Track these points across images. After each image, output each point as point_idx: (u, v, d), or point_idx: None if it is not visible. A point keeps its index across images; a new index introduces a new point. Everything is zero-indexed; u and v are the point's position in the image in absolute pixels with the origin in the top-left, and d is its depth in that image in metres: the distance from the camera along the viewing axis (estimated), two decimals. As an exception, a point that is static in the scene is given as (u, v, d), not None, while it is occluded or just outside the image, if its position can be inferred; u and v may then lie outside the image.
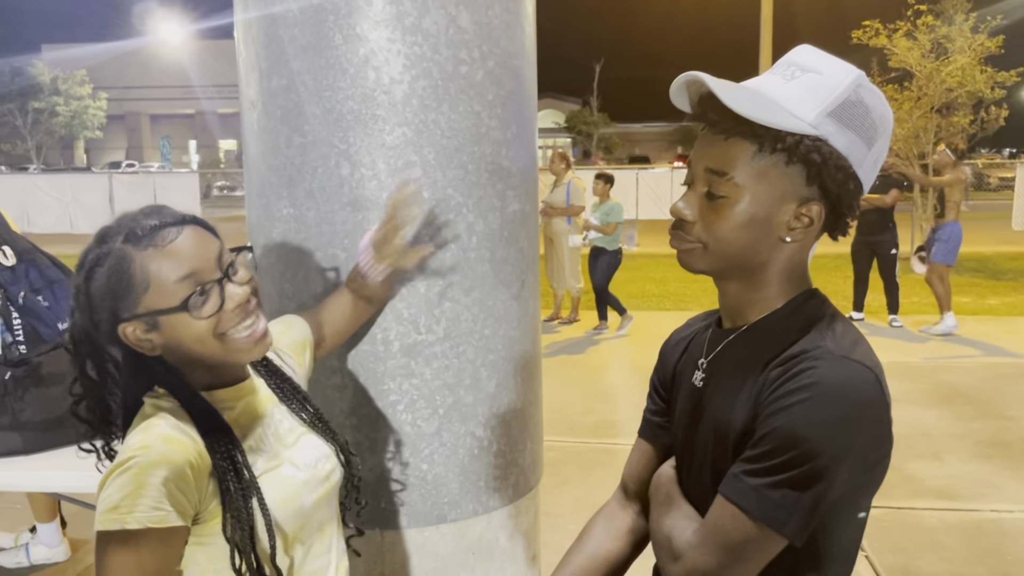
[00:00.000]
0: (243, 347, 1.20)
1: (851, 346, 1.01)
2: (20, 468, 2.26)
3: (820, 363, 0.97)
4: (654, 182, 18.04)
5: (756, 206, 1.02)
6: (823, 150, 0.99)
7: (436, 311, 1.70)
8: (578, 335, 8.01)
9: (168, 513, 1.10)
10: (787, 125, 0.98)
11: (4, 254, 2.81)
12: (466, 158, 1.69)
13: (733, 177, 1.02)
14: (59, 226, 15.63)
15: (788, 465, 0.94)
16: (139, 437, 1.14)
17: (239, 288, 1.19)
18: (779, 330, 1.06)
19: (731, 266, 1.07)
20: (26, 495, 3.33)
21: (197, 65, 48.33)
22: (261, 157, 1.75)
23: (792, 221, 1.03)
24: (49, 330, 2.77)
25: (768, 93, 1.02)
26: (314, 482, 1.32)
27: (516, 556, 1.92)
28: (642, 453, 1.32)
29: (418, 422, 1.72)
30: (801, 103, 1.00)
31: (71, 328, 1.21)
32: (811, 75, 1.02)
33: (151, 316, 1.15)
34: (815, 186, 1.02)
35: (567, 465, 4.51)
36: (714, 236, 1.05)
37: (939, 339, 7.48)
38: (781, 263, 1.07)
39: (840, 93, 1.00)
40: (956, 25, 13.74)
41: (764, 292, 1.08)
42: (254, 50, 1.72)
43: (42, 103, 39.32)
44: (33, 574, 3.31)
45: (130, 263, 1.14)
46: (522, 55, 1.80)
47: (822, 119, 0.99)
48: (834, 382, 0.95)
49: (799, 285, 1.09)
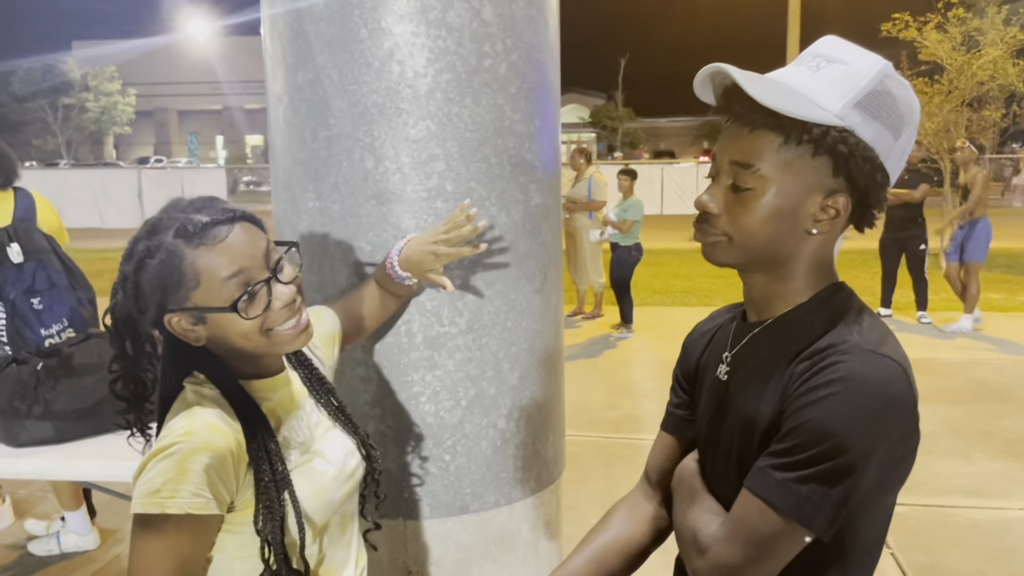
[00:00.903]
0: (286, 339, 1.22)
1: (879, 340, 1.00)
2: (53, 457, 2.31)
3: (848, 357, 0.96)
4: (679, 177, 17.95)
5: (782, 198, 1.02)
6: (849, 141, 0.99)
7: (459, 303, 1.71)
8: (601, 331, 7.99)
9: (208, 500, 1.11)
10: (813, 116, 0.98)
11: (14, 252, 2.86)
12: (489, 151, 1.70)
13: (759, 169, 1.02)
14: (89, 220, 15.85)
15: (816, 460, 0.94)
16: (183, 423, 1.16)
17: (286, 288, 1.21)
18: (806, 323, 1.06)
19: (756, 259, 1.07)
20: (51, 484, 3.39)
21: (224, 61, 48.73)
22: (287, 151, 1.77)
23: (818, 213, 1.03)
24: (33, 335, 2.82)
25: (794, 84, 1.02)
26: (343, 477, 1.34)
27: (538, 547, 1.93)
28: (665, 445, 1.32)
29: (441, 413, 1.74)
30: (827, 94, 0.99)
31: (112, 309, 1.22)
32: (837, 66, 1.01)
33: (199, 311, 1.17)
34: (841, 178, 1.02)
35: (589, 459, 4.51)
36: (740, 229, 1.05)
37: (968, 335, 7.38)
38: (807, 256, 1.06)
39: (866, 83, 1.00)
40: (988, 17, 13.51)
41: (790, 285, 1.08)
42: (280, 45, 1.74)
43: (72, 99, 39.90)
44: (63, 562, 3.37)
45: (181, 259, 1.15)
46: (545, 48, 1.81)
47: (848, 110, 0.99)
48: (863, 377, 0.94)
49: (825, 278, 1.09)
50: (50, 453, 2.32)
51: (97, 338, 2.61)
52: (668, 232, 14.30)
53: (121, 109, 41.75)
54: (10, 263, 2.84)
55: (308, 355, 1.43)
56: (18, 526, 3.61)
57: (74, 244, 3.43)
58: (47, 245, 2.98)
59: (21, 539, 3.51)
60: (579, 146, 8.88)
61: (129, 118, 42.68)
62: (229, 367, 1.25)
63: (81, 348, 2.53)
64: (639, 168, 11.17)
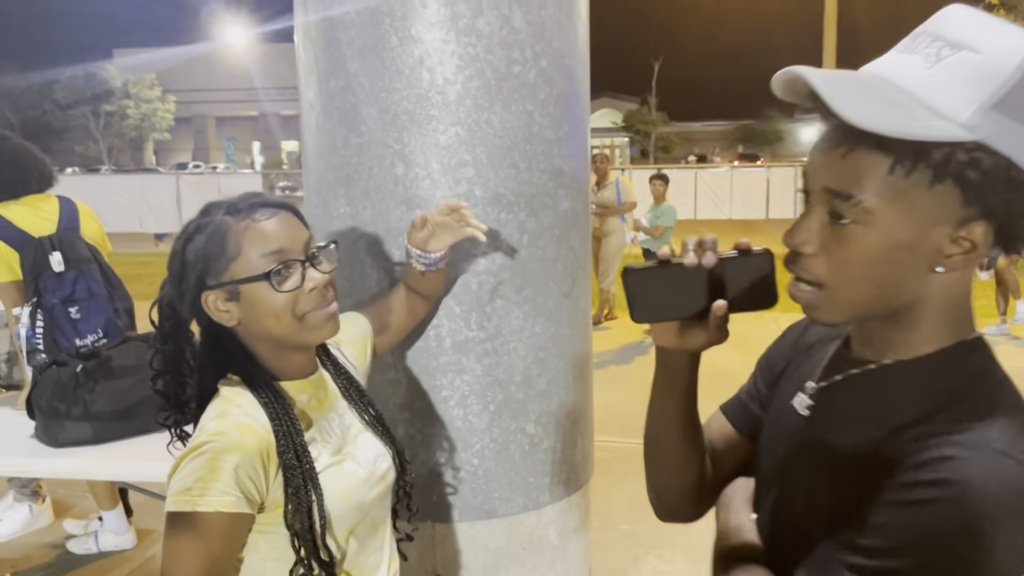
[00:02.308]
0: (316, 323, 1.25)
1: (1016, 434, 0.76)
2: (90, 457, 2.36)
3: (969, 455, 0.74)
4: (713, 181, 17.83)
5: (895, 234, 0.79)
6: (983, 164, 0.75)
7: (487, 308, 1.72)
8: (634, 336, 7.96)
9: (238, 499, 1.14)
10: (931, 133, 0.74)
11: (56, 261, 2.91)
12: (518, 157, 1.71)
13: (862, 201, 0.79)
14: (128, 225, 16.13)
15: (897, 573, 0.75)
16: (215, 423, 1.19)
17: (319, 274, 1.26)
18: (925, 384, 0.83)
19: (869, 311, 0.86)
20: (88, 484, 3.45)
21: (260, 68, 49.37)
22: (319, 157, 1.79)
23: (948, 247, 0.79)
24: (68, 344, 2.87)
25: (903, 84, 0.78)
26: (373, 480, 1.35)
27: (566, 553, 1.93)
28: (721, 425, 1.14)
29: (469, 417, 1.75)
30: (951, 96, 0.75)
31: (159, 301, 1.29)
32: (966, 54, 0.75)
33: (234, 285, 1.21)
34: (976, 207, 0.78)
35: (620, 465, 4.49)
36: (842, 275, 0.83)
37: (1011, 343, 7.23)
38: (935, 300, 0.83)
39: (1009, 75, 0.74)
40: (1030, 18, 13.27)
41: (911, 334, 0.85)
42: (313, 53, 1.77)
43: (113, 106, 40.77)
44: (101, 560, 3.43)
45: (227, 230, 1.22)
46: (574, 54, 1.81)
47: (981, 116, 0.74)
48: (982, 487, 0.72)
49: (958, 328, 0.85)
50: (88, 453, 2.37)
51: (135, 341, 2.66)
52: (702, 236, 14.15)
53: (161, 116, 42.56)
54: (51, 271, 2.89)
55: (342, 360, 1.45)
56: (57, 525, 3.68)
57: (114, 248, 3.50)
58: (89, 254, 3.03)
59: (60, 538, 3.58)
60: (601, 152, 8.93)
61: (168, 124, 43.49)
62: (263, 367, 1.28)
63: (120, 350, 2.59)
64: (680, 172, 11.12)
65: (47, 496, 3.78)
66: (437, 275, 1.62)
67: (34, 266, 2.88)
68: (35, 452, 2.39)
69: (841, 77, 0.79)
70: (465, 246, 1.68)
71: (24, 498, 3.67)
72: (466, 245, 1.67)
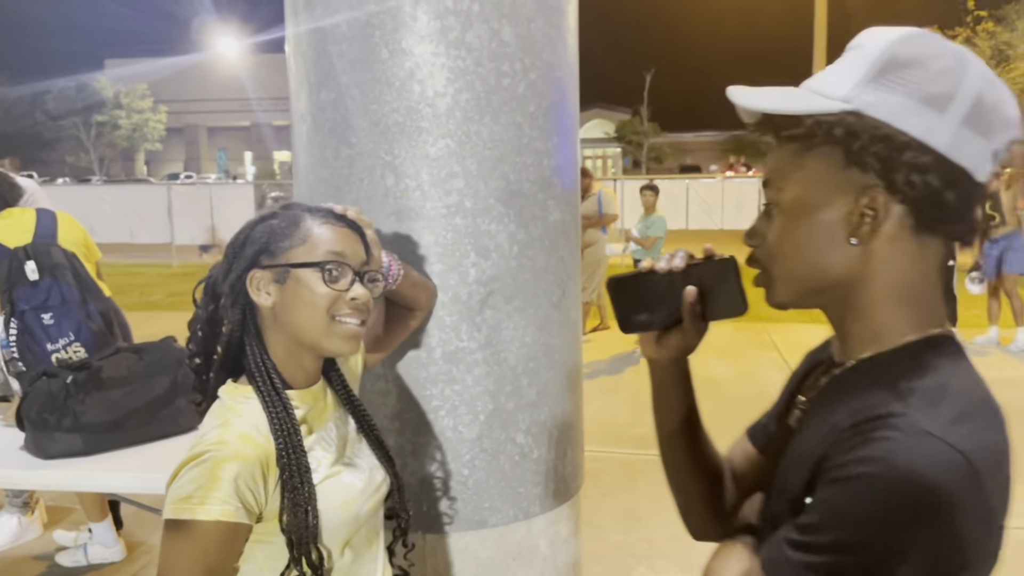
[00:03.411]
0: (342, 332, 1.28)
1: (952, 419, 0.78)
2: (78, 468, 2.35)
3: (902, 436, 0.77)
4: (705, 192, 17.88)
5: (803, 209, 0.89)
6: (857, 126, 0.83)
7: (477, 319, 1.73)
8: (626, 347, 7.98)
9: (237, 509, 1.14)
10: (811, 107, 0.85)
11: (30, 270, 2.99)
12: (508, 168, 1.72)
13: (778, 182, 0.91)
14: (119, 235, 16.07)
15: (828, 548, 0.78)
16: (216, 432, 1.20)
17: (365, 291, 1.30)
18: (883, 378, 0.85)
19: (811, 290, 0.91)
20: (77, 496, 3.44)
21: (253, 79, 49.40)
22: (310, 168, 1.80)
23: (852, 217, 0.86)
24: (39, 349, 2.95)
25: (808, 84, 0.90)
26: (369, 490, 1.36)
27: (557, 563, 1.93)
28: (744, 448, 1.17)
29: (459, 428, 1.75)
30: (834, 80, 0.86)
31: (206, 280, 1.33)
32: (854, 51, 0.88)
33: (288, 268, 1.25)
34: (857, 169, 0.85)
35: (611, 476, 4.50)
36: (776, 255, 0.92)
37: (1001, 353, 7.27)
38: (879, 283, 0.88)
39: (880, 54, 0.84)
40: (1018, 31, 13.40)
41: (867, 323, 0.89)
42: (304, 65, 1.78)
43: (105, 116, 40.72)
44: (90, 573, 3.42)
45: (301, 220, 1.29)
46: (564, 67, 1.83)
47: (859, 89, 0.84)
48: (904, 464, 0.75)
49: (918, 321, 0.89)
50: (76, 465, 2.36)
51: (126, 352, 2.66)
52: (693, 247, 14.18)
53: (152, 126, 42.53)
54: (26, 280, 2.98)
55: (341, 370, 1.47)
56: (47, 537, 3.66)
57: (105, 259, 3.51)
58: (64, 261, 3.10)
59: (50, 550, 3.56)
60: (582, 167, 8.96)
61: (160, 135, 43.46)
62: (275, 368, 1.29)
63: (110, 361, 2.58)
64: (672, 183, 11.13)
65: (37, 508, 3.76)
66: (409, 285, 1.60)
67: (9, 276, 2.97)
68: (24, 464, 2.38)
69: (765, 88, 0.91)
70: (456, 257, 1.69)
71: (14, 509, 3.66)
72: (456, 255, 1.68)
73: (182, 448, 1.22)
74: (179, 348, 2.68)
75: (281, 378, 1.29)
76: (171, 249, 15.78)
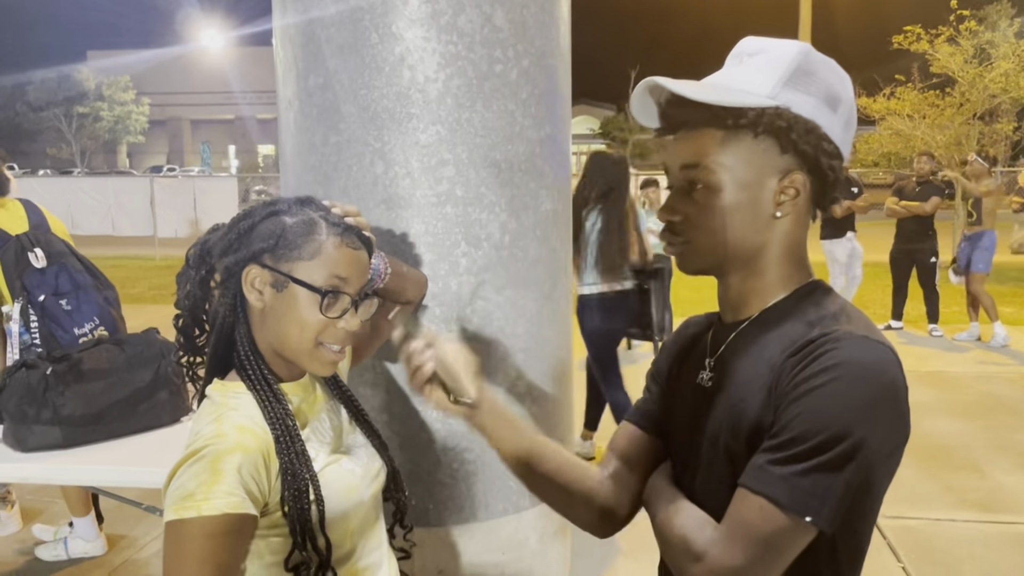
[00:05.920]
0: (324, 356, 1.25)
1: (869, 327, 0.99)
2: (59, 461, 2.30)
3: (842, 344, 0.94)
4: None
5: (736, 188, 1.02)
6: (786, 115, 0.99)
7: (468, 309, 1.70)
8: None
9: (243, 500, 1.10)
10: (745, 101, 0.99)
11: (36, 256, 2.94)
12: (499, 157, 1.69)
13: (707, 165, 1.02)
14: (101, 228, 15.92)
15: (818, 450, 0.91)
16: (212, 427, 1.16)
17: (356, 321, 1.26)
18: (789, 318, 1.04)
19: (727, 258, 1.06)
20: (60, 489, 3.40)
21: (237, 71, 49.05)
22: (297, 155, 1.77)
23: (778, 195, 1.03)
24: (66, 335, 2.89)
25: (722, 81, 1.04)
26: (369, 477, 1.35)
27: (546, 557, 1.91)
28: (628, 432, 1.25)
29: (448, 420, 1.73)
30: (754, 80, 1.01)
31: (200, 245, 1.27)
32: (759, 56, 1.03)
33: (289, 280, 1.21)
34: (790, 155, 1.02)
35: (599, 470, 4.49)
36: (702, 228, 1.04)
37: (981, 349, 7.33)
38: (777, 246, 1.05)
39: (790, 62, 1.01)
40: (1000, 31, 13.49)
41: (765, 280, 1.07)
42: (292, 50, 1.74)
43: (87, 108, 40.26)
44: (70, 567, 3.37)
45: (318, 233, 1.22)
46: (557, 54, 1.80)
47: (779, 89, 1.00)
48: (859, 361, 0.93)
49: (800, 273, 1.08)
50: (57, 458, 2.32)
51: (107, 344, 2.61)
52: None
53: (135, 118, 42.11)
54: (32, 268, 2.93)
55: None
56: (26, 531, 3.61)
57: (87, 251, 3.46)
58: (65, 248, 3.07)
59: (29, 544, 3.50)
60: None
61: (142, 127, 43.03)
62: (264, 360, 1.26)
63: (91, 353, 2.53)
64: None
65: (16, 502, 3.71)
66: (397, 280, 1.57)
67: (17, 263, 2.90)
68: (2, 457, 2.34)
69: (685, 81, 1.03)
70: (446, 247, 1.66)
71: (-9, 503, 3.60)
72: (447, 245, 1.66)
73: (164, 441, 1.18)
74: (162, 340, 2.64)
75: (271, 370, 1.27)
76: (153, 242, 15.64)
